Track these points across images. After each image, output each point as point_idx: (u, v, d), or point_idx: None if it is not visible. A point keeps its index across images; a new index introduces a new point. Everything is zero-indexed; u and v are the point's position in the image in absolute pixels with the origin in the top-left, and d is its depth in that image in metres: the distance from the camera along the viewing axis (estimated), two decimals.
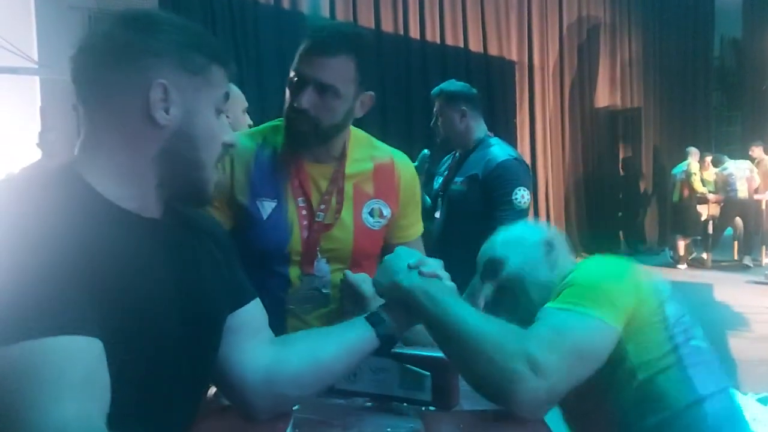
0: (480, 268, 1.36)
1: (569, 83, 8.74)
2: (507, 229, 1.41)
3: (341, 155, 1.42)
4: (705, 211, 7.77)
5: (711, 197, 7.70)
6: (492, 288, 1.32)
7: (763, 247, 7.77)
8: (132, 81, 0.80)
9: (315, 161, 1.40)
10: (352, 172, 1.42)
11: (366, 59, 1.34)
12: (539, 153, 8.32)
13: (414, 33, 7.37)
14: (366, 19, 7.01)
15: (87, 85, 0.82)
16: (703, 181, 7.76)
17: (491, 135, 2.57)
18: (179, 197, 0.88)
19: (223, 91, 0.88)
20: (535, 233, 1.38)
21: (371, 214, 1.43)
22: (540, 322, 1.09)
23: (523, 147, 7.98)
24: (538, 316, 1.12)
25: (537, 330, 1.06)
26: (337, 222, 1.39)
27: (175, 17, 0.86)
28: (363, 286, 1.28)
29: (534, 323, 1.09)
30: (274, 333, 1.05)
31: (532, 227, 1.46)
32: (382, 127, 6.56)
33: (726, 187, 7.61)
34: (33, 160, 5.76)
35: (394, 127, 6.82)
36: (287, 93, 1.35)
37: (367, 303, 1.24)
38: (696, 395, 1.13)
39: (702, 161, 7.86)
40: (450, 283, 1.09)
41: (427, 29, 7.46)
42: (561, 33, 8.62)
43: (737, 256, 7.82)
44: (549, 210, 8.41)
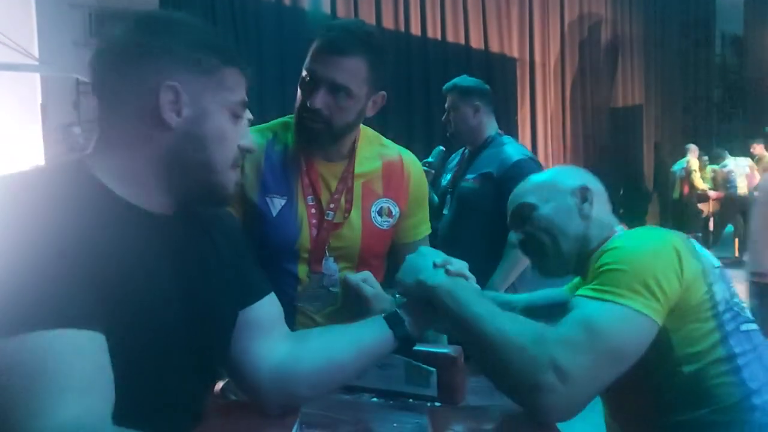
0: (509, 214, 1.29)
1: (570, 80, 8.73)
2: (541, 174, 1.34)
3: (350, 154, 1.42)
4: (705, 208, 7.78)
5: (711, 194, 7.71)
6: (520, 236, 1.26)
7: None
8: (143, 82, 0.80)
9: (325, 160, 1.40)
10: (361, 171, 1.42)
11: (378, 59, 1.34)
12: (540, 149, 8.31)
13: (415, 30, 7.35)
14: (367, 16, 6.99)
15: (103, 86, 0.83)
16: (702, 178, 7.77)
17: (502, 133, 2.57)
18: (193, 199, 0.88)
19: (240, 96, 0.87)
20: (570, 179, 1.27)
21: (380, 213, 1.43)
22: (571, 315, 1.03)
23: (525, 144, 7.96)
24: (571, 303, 1.06)
25: (565, 329, 1.00)
26: (346, 221, 1.39)
27: (190, 18, 0.87)
28: (364, 286, 1.26)
29: (566, 317, 1.03)
30: None
31: (567, 172, 1.33)
32: (382, 124, 6.52)
33: (726, 184, 7.61)
34: (32, 156, 5.77)
35: (394, 124, 6.81)
36: (299, 92, 1.34)
37: (369, 303, 1.23)
38: (746, 389, 1.06)
39: (699, 159, 7.86)
40: (476, 285, 1.07)
41: (428, 26, 7.44)
42: (562, 30, 8.61)
43: (738, 252, 7.82)
44: None
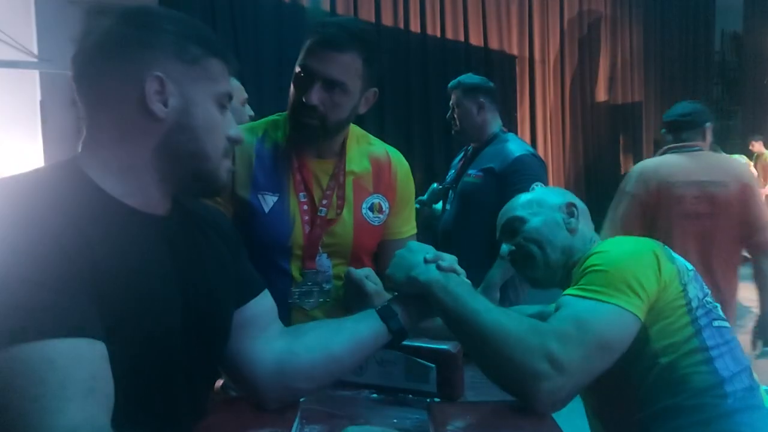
0: (499, 227, 1.39)
1: (570, 77, 8.72)
2: (528, 193, 1.43)
3: (341, 151, 1.42)
4: None
5: None
6: (511, 248, 1.35)
7: None
8: (128, 74, 0.80)
9: (317, 157, 1.40)
10: (351, 167, 1.43)
11: (372, 55, 1.34)
12: (540, 147, 8.30)
13: (414, 27, 7.34)
14: (366, 13, 6.98)
15: (86, 82, 0.82)
16: None
17: (506, 130, 2.59)
18: (187, 190, 0.88)
19: (225, 88, 0.87)
20: (557, 197, 1.39)
21: (371, 209, 1.44)
22: (561, 312, 1.09)
23: (524, 141, 7.95)
24: (558, 302, 1.12)
25: (557, 324, 1.06)
26: (339, 217, 1.40)
27: (172, 11, 0.86)
28: (366, 282, 1.28)
29: (554, 313, 1.09)
30: None
31: (553, 191, 1.47)
32: (380, 122, 6.55)
33: None
34: (32, 154, 5.76)
35: (392, 122, 6.81)
36: (292, 88, 1.35)
37: (370, 299, 1.24)
38: (718, 377, 1.14)
39: None
40: (467, 280, 1.09)
41: (428, 23, 7.43)
42: (562, 27, 8.60)
43: None
44: None
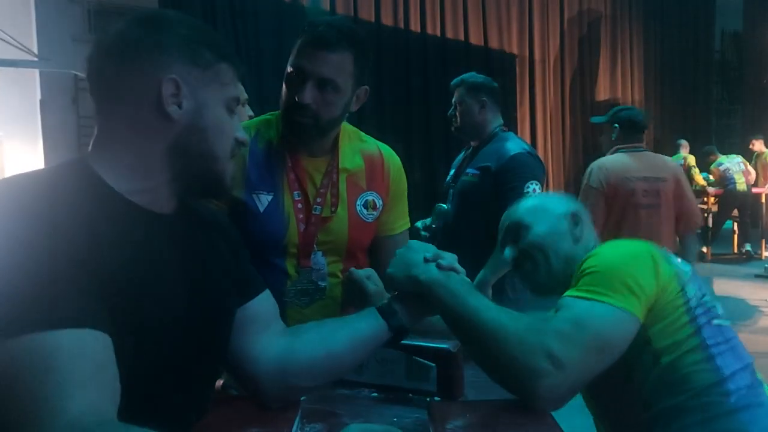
0: (502, 230, 1.37)
1: (570, 76, 8.72)
2: (533, 197, 1.42)
3: (333, 149, 1.43)
4: (704, 205, 7.77)
5: (711, 190, 7.71)
6: (514, 253, 1.33)
7: (763, 241, 7.79)
8: (144, 76, 0.81)
9: (309, 155, 1.41)
10: (344, 165, 1.43)
11: (363, 54, 1.36)
12: (539, 146, 8.30)
13: (414, 26, 7.35)
14: (366, 12, 6.99)
15: (101, 83, 0.83)
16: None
17: (506, 129, 2.59)
18: (195, 190, 0.89)
19: (234, 92, 0.89)
20: (562, 205, 1.37)
21: (365, 206, 1.45)
22: (560, 313, 1.09)
23: (524, 140, 7.96)
24: (558, 303, 1.12)
25: (557, 323, 1.06)
26: (334, 215, 1.41)
27: (186, 16, 0.88)
28: (368, 283, 1.28)
29: (554, 314, 1.09)
30: None
31: (558, 198, 1.44)
32: (380, 120, 6.56)
33: (724, 182, 7.62)
34: (31, 152, 5.77)
35: (392, 121, 6.82)
36: (284, 88, 1.36)
37: (371, 299, 1.24)
38: (719, 374, 1.14)
39: (709, 156, 7.87)
40: (467, 278, 1.09)
41: (428, 22, 7.43)
42: (562, 26, 8.60)
43: (737, 249, 7.84)
44: None
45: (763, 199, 7.81)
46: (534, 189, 2.34)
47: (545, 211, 1.34)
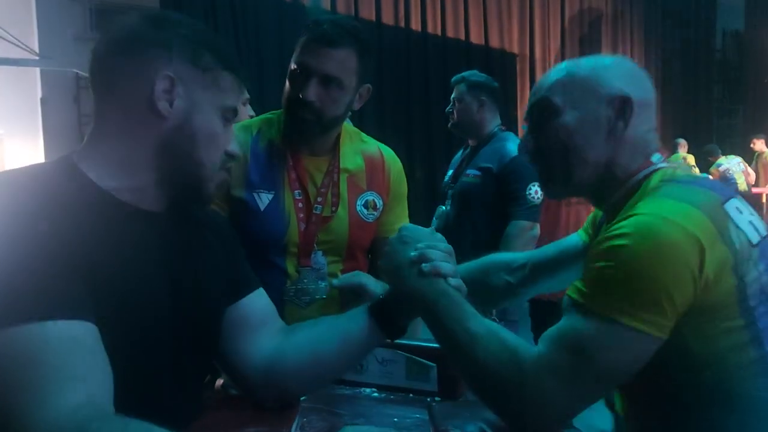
0: (528, 107, 1.05)
1: None
2: (580, 64, 1.02)
3: (334, 148, 1.43)
4: None
5: None
6: (532, 142, 1.04)
7: None
8: (141, 71, 0.82)
9: (311, 154, 1.41)
10: (345, 165, 1.44)
11: (366, 51, 1.36)
12: None
13: (415, 25, 7.34)
14: (367, 11, 6.98)
15: (100, 75, 0.84)
16: None
17: (504, 129, 2.58)
18: (179, 195, 0.88)
19: (233, 102, 0.88)
20: (612, 80, 0.98)
21: (366, 206, 1.45)
22: (559, 332, 0.89)
23: None
24: (563, 304, 0.91)
25: (550, 352, 0.87)
26: (335, 215, 1.41)
27: (192, 19, 0.88)
28: (357, 284, 1.23)
29: (551, 330, 0.90)
30: None
31: (612, 67, 1.01)
32: (380, 119, 6.56)
33: (725, 183, 7.63)
34: (32, 150, 5.77)
35: (392, 120, 6.81)
36: (288, 85, 1.36)
37: (370, 298, 1.22)
38: None
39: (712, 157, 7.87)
40: (456, 281, 0.97)
41: (428, 21, 7.42)
42: (562, 25, 8.59)
43: None
44: None
45: (764, 200, 7.80)
46: (536, 191, 2.34)
47: (585, 90, 0.98)
